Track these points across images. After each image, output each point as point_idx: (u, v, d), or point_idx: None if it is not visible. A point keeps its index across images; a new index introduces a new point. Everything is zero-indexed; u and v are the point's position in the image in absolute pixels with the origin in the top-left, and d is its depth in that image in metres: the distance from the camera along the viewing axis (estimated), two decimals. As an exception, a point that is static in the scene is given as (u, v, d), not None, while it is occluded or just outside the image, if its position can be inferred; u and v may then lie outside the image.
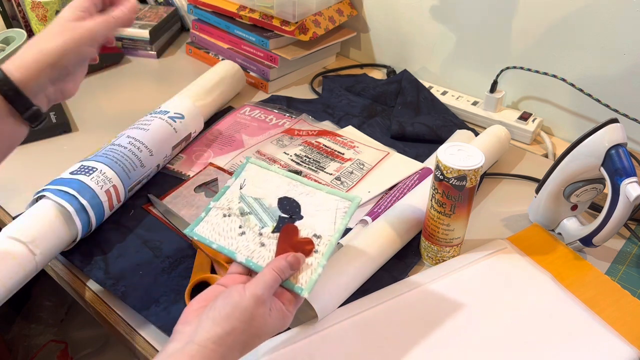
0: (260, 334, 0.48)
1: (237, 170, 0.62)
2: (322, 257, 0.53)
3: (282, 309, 0.50)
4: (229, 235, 0.56)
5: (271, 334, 0.50)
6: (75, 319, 1.20)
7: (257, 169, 0.61)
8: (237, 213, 0.58)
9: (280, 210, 0.57)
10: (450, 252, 0.68)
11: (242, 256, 0.54)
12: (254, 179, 0.60)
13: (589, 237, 0.68)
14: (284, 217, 0.57)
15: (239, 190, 0.60)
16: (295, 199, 0.58)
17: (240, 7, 1.05)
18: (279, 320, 0.50)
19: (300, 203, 0.57)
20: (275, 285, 0.50)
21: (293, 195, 0.58)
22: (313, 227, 0.55)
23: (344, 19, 1.10)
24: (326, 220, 0.56)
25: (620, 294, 0.65)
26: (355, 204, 0.56)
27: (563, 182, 0.69)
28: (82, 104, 0.98)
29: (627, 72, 0.84)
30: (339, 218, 0.56)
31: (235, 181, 0.61)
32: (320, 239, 0.54)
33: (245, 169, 0.62)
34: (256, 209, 0.58)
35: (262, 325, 0.48)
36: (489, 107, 0.96)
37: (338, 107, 0.99)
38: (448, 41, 1.02)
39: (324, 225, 0.55)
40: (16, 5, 1.11)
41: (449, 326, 0.60)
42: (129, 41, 1.14)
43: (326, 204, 0.57)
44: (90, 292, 0.66)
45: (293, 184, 0.59)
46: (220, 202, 0.59)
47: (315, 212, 0.56)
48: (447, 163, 0.60)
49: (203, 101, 0.90)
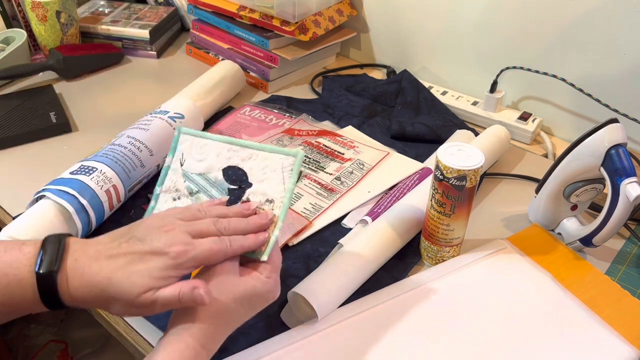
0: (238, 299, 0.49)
1: (172, 145, 0.58)
2: (277, 219, 0.53)
3: (256, 275, 0.51)
4: None
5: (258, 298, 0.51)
6: (75, 319, 1.20)
7: (192, 139, 0.58)
8: (186, 193, 0.56)
9: (227, 182, 0.56)
10: (450, 252, 0.68)
11: None
12: (191, 151, 0.57)
13: (589, 237, 0.68)
14: (233, 188, 0.55)
15: (180, 167, 0.57)
16: (239, 167, 0.56)
17: (240, 7, 1.05)
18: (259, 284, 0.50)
19: (245, 169, 0.56)
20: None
21: (236, 162, 0.56)
22: (264, 192, 0.54)
23: (344, 19, 1.10)
24: (275, 181, 0.54)
25: (620, 294, 0.65)
26: (299, 158, 0.54)
27: (563, 182, 0.69)
28: (82, 104, 0.98)
29: (627, 72, 0.84)
30: (287, 177, 0.54)
31: (174, 158, 0.58)
32: (273, 203, 0.54)
33: (179, 142, 0.58)
34: (203, 185, 0.56)
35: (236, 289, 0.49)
36: (489, 107, 0.96)
37: (338, 107, 0.99)
38: (448, 41, 1.02)
39: (274, 187, 0.54)
40: (16, 5, 1.11)
41: (449, 326, 0.60)
42: (129, 41, 1.14)
43: (271, 165, 0.55)
44: (90, 292, 0.66)
45: (233, 149, 0.56)
46: (166, 185, 0.57)
47: (263, 175, 0.55)
48: (447, 163, 0.60)
49: (203, 101, 0.90)
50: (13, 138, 0.87)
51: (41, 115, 0.91)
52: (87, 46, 1.10)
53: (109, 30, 1.14)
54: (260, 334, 0.59)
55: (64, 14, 1.05)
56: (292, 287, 0.60)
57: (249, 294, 0.50)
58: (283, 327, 0.60)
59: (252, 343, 0.57)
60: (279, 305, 0.62)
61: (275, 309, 0.62)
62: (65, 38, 1.08)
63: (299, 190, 0.78)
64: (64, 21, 1.06)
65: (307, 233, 0.72)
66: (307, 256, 0.69)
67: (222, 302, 0.48)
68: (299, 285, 0.60)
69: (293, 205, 0.75)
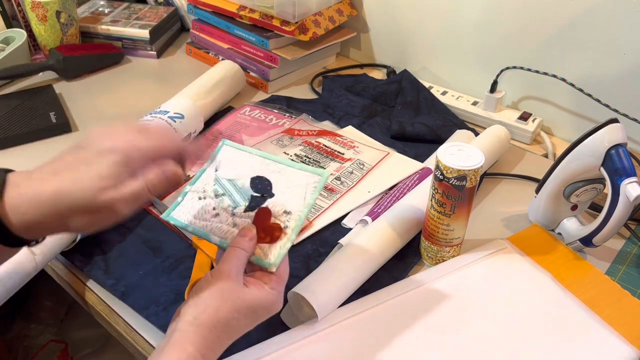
0: (242, 309, 0.48)
1: (214, 154, 0.61)
2: (291, 231, 0.54)
3: (261, 286, 0.50)
4: (204, 217, 0.56)
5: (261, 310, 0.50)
6: (75, 319, 1.20)
7: (233, 151, 0.61)
8: (212, 195, 0.58)
9: (252, 190, 0.57)
10: (450, 252, 0.68)
11: (216, 238, 0.55)
12: (228, 161, 0.60)
13: (589, 237, 0.68)
14: (256, 195, 0.57)
15: (214, 172, 0.59)
16: (267, 177, 0.58)
17: (240, 7, 1.05)
18: (263, 296, 0.50)
19: (272, 181, 0.58)
20: (239, 259, 0.51)
21: (265, 173, 0.58)
22: (284, 204, 0.56)
23: (344, 19, 1.10)
24: (296, 196, 0.56)
25: (620, 294, 0.65)
26: (324, 177, 0.56)
27: (563, 182, 0.69)
28: (82, 104, 0.98)
29: (627, 72, 0.84)
30: (309, 193, 0.56)
31: (211, 164, 0.60)
32: (290, 215, 0.55)
33: (220, 151, 0.61)
34: (229, 189, 0.58)
35: (239, 299, 0.48)
36: (489, 107, 0.96)
37: (338, 107, 0.99)
38: (448, 41, 1.02)
39: (294, 201, 0.56)
40: (16, 5, 1.11)
41: (449, 326, 0.60)
42: (129, 41, 1.14)
43: (297, 180, 0.57)
44: (90, 292, 0.66)
45: (266, 163, 0.59)
46: (196, 186, 0.59)
47: (286, 189, 0.57)
48: (447, 163, 0.60)
49: (203, 101, 0.90)
50: (13, 138, 0.87)
51: (41, 115, 0.91)
52: (87, 46, 1.10)
53: (109, 30, 1.14)
54: (260, 334, 0.58)
55: (64, 14, 1.05)
56: (292, 287, 0.60)
57: (253, 305, 0.49)
58: (283, 327, 0.60)
59: (252, 343, 0.57)
60: (279, 305, 0.63)
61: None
62: (65, 38, 1.08)
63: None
64: (64, 21, 1.06)
65: (307, 233, 0.72)
66: (307, 256, 0.69)
67: (226, 311, 0.48)
68: (299, 285, 0.60)
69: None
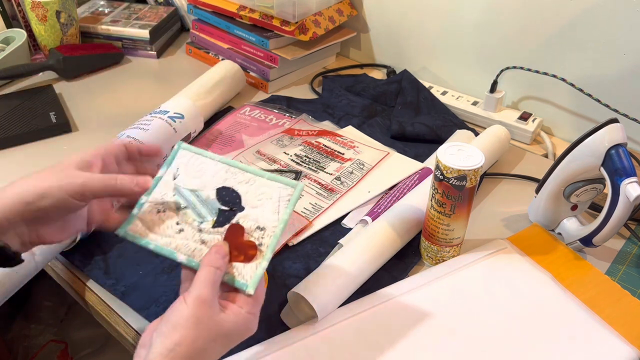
0: (218, 338, 0.46)
1: (168, 158, 0.56)
2: (267, 249, 0.50)
3: (238, 311, 0.47)
4: (166, 233, 0.52)
5: (236, 335, 0.47)
6: (75, 319, 1.20)
7: (191, 155, 0.56)
8: (173, 207, 0.53)
9: (219, 202, 0.53)
10: (450, 252, 0.68)
11: (182, 256, 0.50)
12: (187, 167, 0.55)
13: (589, 237, 0.68)
14: (224, 209, 0.53)
15: (172, 181, 0.55)
16: (234, 189, 0.53)
17: (240, 7, 1.05)
18: (240, 321, 0.47)
19: (241, 192, 0.53)
20: (214, 280, 0.47)
21: (232, 184, 0.54)
22: (256, 218, 0.51)
23: (344, 19, 1.10)
24: (269, 210, 0.52)
25: (620, 294, 0.65)
26: (298, 190, 0.52)
27: (563, 182, 0.69)
28: (82, 104, 0.98)
29: (627, 72, 0.84)
30: (282, 207, 0.52)
31: (168, 170, 0.55)
32: (264, 231, 0.51)
33: (177, 156, 0.56)
34: (193, 202, 0.53)
35: (217, 327, 0.45)
36: (489, 107, 0.96)
37: (338, 107, 0.99)
38: (448, 41, 1.02)
39: (267, 215, 0.52)
40: (16, 5, 1.11)
41: (449, 326, 0.60)
42: (129, 41, 1.14)
43: (268, 192, 0.53)
44: (90, 292, 0.66)
45: (231, 172, 0.54)
46: (153, 196, 0.54)
47: (257, 202, 0.52)
48: (447, 163, 0.60)
49: (203, 101, 0.90)
50: (13, 138, 0.87)
51: (41, 115, 0.91)
52: (87, 46, 1.10)
53: (109, 30, 1.14)
54: (260, 334, 0.58)
55: (64, 14, 1.05)
56: (292, 287, 0.60)
57: (230, 333, 0.46)
58: (283, 327, 0.60)
59: (252, 343, 0.57)
60: (279, 305, 0.62)
61: (275, 309, 0.62)
62: (65, 38, 1.08)
63: (299, 190, 0.78)
64: (64, 21, 1.06)
65: (307, 233, 0.72)
66: (307, 256, 0.69)
67: (202, 342, 0.45)
68: (299, 285, 0.60)
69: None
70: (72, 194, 0.49)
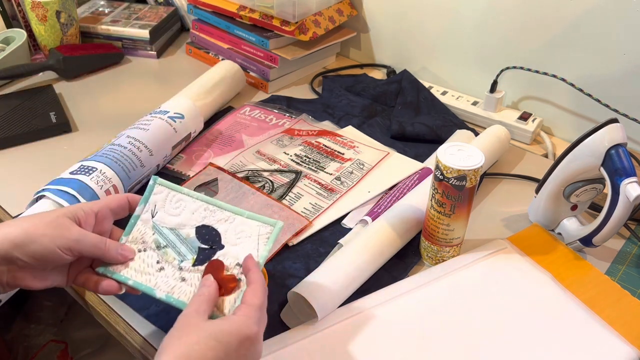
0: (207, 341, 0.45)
1: (145, 194, 0.57)
2: (243, 285, 0.51)
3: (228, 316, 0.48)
4: (147, 271, 0.53)
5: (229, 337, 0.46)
6: (75, 319, 1.20)
7: (167, 192, 0.57)
8: (153, 247, 0.54)
9: (199, 241, 0.54)
10: (450, 252, 0.68)
11: (161, 292, 0.52)
12: (165, 205, 0.56)
13: (589, 237, 0.68)
14: (204, 247, 0.54)
15: (150, 219, 0.56)
16: (214, 227, 0.55)
17: (240, 7, 1.05)
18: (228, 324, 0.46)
19: (220, 231, 0.54)
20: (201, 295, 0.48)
21: (211, 222, 0.55)
22: (236, 255, 0.53)
23: (344, 19, 1.10)
24: (248, 247, 0.53)
25: (620, 294, 0.65)
26: (277, 229, 0.53)
27: (563, 182, 0.69)
28: (82, 104, 0.98)
29: (627, 72, 0.84)
30: (262, 244, 0.53)
31: (145, 208, 0.56)
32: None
33: (153, 192, 0.57)
34: (173, 240, 0.55)
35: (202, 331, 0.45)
36: (489, 107, 0.96)
37: (338, 107, 0.99)
38: (448, 41, 1.02)
39: (247, 252, 0.53)
40: (16, 5, 1.11)
41: (449, 326, 0.60)
42: (129, 41, 1.14)
43: (247, 230, 0.54)
44: (90, 292, 0.66)
45: (210, 210, 0.55)
46: (132, 236, 0.55)
47: (237, 240, 0.54)
48: (447, 163, 0.60)
49: (203, 101, 0.90)
50: (13, 138, 0.87)
51: (41, 115, 0.91)
52: (87, 46, 1.10)
53: (109, 30, 1.14)
54: (260, 334, 0.58)
55: (64, 14, 1.05)
56: (292, 287, 0.60)
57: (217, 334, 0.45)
58: (283, 327, 0.60)
59: (252, 343, 0.57)
60: (279, 305, 0.62)
61: (275, 309, 0.62)
62: (65, 38, 1.08)
63: (299, 191, 0.78)
64: (64, 21, 1.06)
65: (307, 233, 0.72)
66: (307, 256, 0.69)
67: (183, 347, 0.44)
68: (299, 285, 0.60)
69: (293, 206, 0.75)
70: (62, 247, 0.50)
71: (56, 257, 0.50)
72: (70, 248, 0.50)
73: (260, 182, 0.79)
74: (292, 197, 0.77)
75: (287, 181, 0.79)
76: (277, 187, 0.78)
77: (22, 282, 0.51)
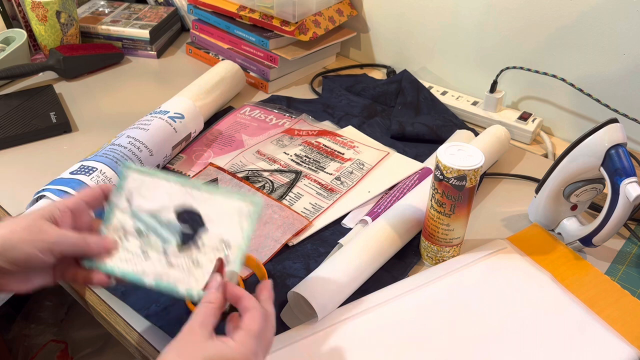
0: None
1: (119, 182, 0.56)
2: (234, 264, 0.51)
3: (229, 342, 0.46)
4: (132, 260, 0.53)
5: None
6: (75, 319, 1.20)
7: (142, 177, 0.55)
8: (134, 234, 0.54)
9: (180, 223, 0.53)
10: (450, 252, 0.68)
11: (150, 280, 0.51)
12: (141, 190, 0.55)
13: (588, 237, 0.68)
14: (187, 232, 0.53)
15: (128, 206, 0.55)
16: (194, 209, 0.54)
17: (240, 7, 1.05)
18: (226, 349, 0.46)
19: (201, 212, 0.53)
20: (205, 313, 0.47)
21: (191, 203, 0.54)
22: (220, 235, 0.52)
23: (344, 19, 1.10)
24: (231, 225, 0.52)
25: (620, 294, 0.65)
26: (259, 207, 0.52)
27: (563, 182, 0.69)
28: (82, 104, 0.98)
29: (627, 72, 0.84)
30: (244, 222, 0.52)
31: (121, 195, 0.55)
32: (230, 248, 0.52)
33: (127, 179, 0.56)
34: (154, 226, 0.54)
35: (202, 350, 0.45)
36: (489, 107, 0.96)
37: (338, 107, 0.99)
38: (448, 41, 1.02)
39: (231, 231, 0.52)
40: (16, 5, 1.11)
41: (449, 326, 0.60)
42: (129, 41, 1.14)
43: (229, 210, 0.53)
44: (91, 292, 0.66)
45: (188, 192, 0.54)
46: (112, 225, 0.54)
47: (218, 219, 0.53)
48: (447, 163, 0.60)
49: (203, 101, 0.90)
50: (13, 138, 0.87)
51: (41, 115, 0.91)
52: (87, 46, 1.10)
53: (109, 30, 1.14)
54: (260, 334, 0.58)
55: (64, 14, 1.05)
56: (292, 287, 0.60)
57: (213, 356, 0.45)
58: (283, 327, 0.60)
59: (252, 343, 0.57)
60: (279, 305, 0.62)
61: (275, 309, 0.62)
62: (65, 38, 1.08)
63: (299, 191, 0.78)
64: (64, 21, 1.06)
65: (307, 233, 0.72)
66: (307, 256, 0.69)
67: None
68: (299, 285, 0.60)
69: (293, 206, 0.75)
70: (42, 250, 0.49)
71: (38, 260, 0.49)
72: (51, 250, 0.50)
73: (260, 182, 0.79)
74: (292, 197, 0.77)
75: (287, 181, 0.80)
76: (277, 187, 0.78)
77: (7, 287, 0.51)
